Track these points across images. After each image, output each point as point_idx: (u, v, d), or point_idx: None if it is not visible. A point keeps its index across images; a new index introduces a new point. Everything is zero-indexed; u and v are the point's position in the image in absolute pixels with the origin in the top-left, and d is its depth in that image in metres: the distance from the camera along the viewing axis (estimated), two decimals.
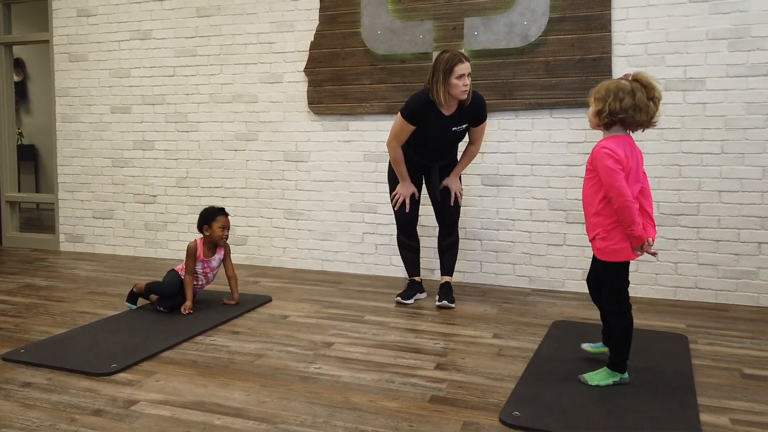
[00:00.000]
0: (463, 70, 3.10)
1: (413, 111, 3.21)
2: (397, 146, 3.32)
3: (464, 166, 3.46)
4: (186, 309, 3.12)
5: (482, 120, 3.32)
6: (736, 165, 3.39)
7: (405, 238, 3.51)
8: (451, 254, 3.47)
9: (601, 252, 2.22)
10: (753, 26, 3.32)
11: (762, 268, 3.38)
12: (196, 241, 3.24)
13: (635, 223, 2.12)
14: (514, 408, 2.06)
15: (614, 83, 2.14)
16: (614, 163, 2.10)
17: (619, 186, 2.09)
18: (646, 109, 2.11)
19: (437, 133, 3.27)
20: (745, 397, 2.18)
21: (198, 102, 4.58)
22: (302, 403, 2.12)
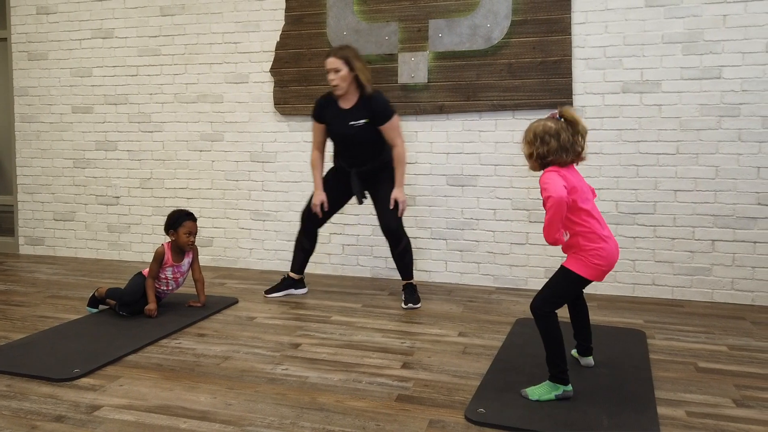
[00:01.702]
0: (328, 65, 3.25)
1: (315, 107, 3.44)
2: (313, 149, 3.50)
3: (399, 172, 3.36)
4: (150, 311, 3.08)
5: (385, 118, 3.30)
6: (691, 165, 3.51)
7: (303, 237, 3.57)
8: (404, 261, 3.44)
9: (568, 259, 2.21)
10: (706, 30, 3.43)
11: (715, 265, 3.51)
12: (164, 246, 3.19)
13: (555, 225, 2.10)
14: (479, 405, 2.10)
15: (540, 126, 2.18)
16: (553, 174, 2.13)
17: (554, 184, 2.08)
18: (572, 148, 2.16)
19: (338, 127, 3.37)
20: (699, 390, 2.26)
21: (162, 102, 4.52)
22: (269, 405, 2.12)
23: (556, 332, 2.14)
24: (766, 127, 3.38)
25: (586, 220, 2.14)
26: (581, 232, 2.15)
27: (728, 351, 2.69)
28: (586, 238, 2.14)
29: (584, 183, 2.23)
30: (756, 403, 2.15)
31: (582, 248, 2.15)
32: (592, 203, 2.21)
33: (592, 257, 2.14)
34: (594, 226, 2.14)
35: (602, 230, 2.16)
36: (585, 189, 2.19)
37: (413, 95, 3.94)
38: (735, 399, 2.18)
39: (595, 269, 2.15)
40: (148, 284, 3.14)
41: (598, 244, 2.13)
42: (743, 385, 2.30)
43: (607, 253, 2.14)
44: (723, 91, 3.42)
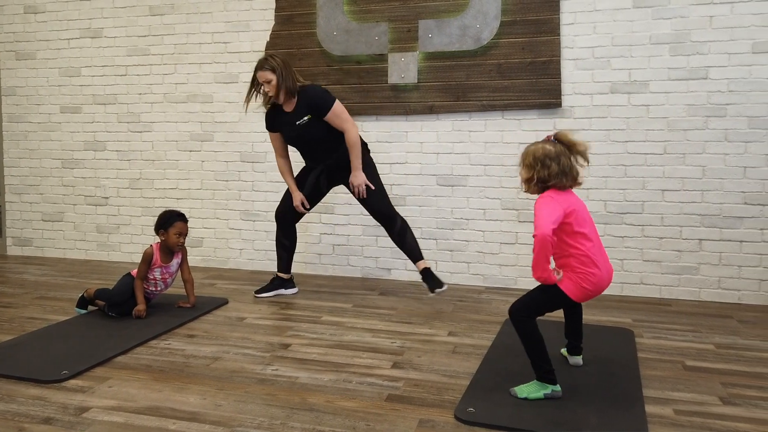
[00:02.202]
0: (259, 78, 3.34)
1: (265, 118, 3.53)
2: (276, 157, 3.58)
3: (353, 156, 3.38)
4: (139, 312, 3.07)
5: (325, 108, 3.35)
6: (678, 165, 3.54)
7: (282, 235, 3.60)
8: (406, 242, 3.45)
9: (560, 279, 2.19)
10: (693, 31, 3.46)
11: (702, 264, 3.54)
12: (153, 247, 3.18)
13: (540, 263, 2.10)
14: (469, 404, 2.10)
15: (540, 150, 2.16)
16: (547, 200, 2.12)
17: (542, 217, 2.07)
18: (570, 173, 2.15)
19: (288, 131, 3.44)
20: (687, 388, 2.28)
21: (151, 102, 4.51)
22: (259, 406, 2.12)
23: (534, 335, 2.14)
24: (752, 127, 3.42)
25: (583, 243, 2.14)
26: (575, 254, 2.14)
27: (715, 349, 2.71)
28: (579, 261, 2.14)
29: (582, 205, 2.21)
30: (742, 400, 2.17)
31: (574, 269, 2.15)
32: (591, 226, 2.20)
33: (582, 280, 2.14)
34: (589, 250, 2.14)
35: (597, 256, 2.15)
36: (582, 209, 2.19)
37: (403, 95, 3.95)
38: (722, 397, 2.20)
39: (582, 291, 2.15)
40: (136, 285, 3.13)
41: (590, 269, 2.13)
42: (730, 383, 2.32)
43: (597, 279, 2.14)
44: (710, 92, 3.45)
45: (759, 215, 3.44)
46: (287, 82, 3.33)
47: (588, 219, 2.20)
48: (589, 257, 2.13)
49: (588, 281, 2.13)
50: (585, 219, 2.17)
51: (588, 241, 2.14)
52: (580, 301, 2.20)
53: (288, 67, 3.36)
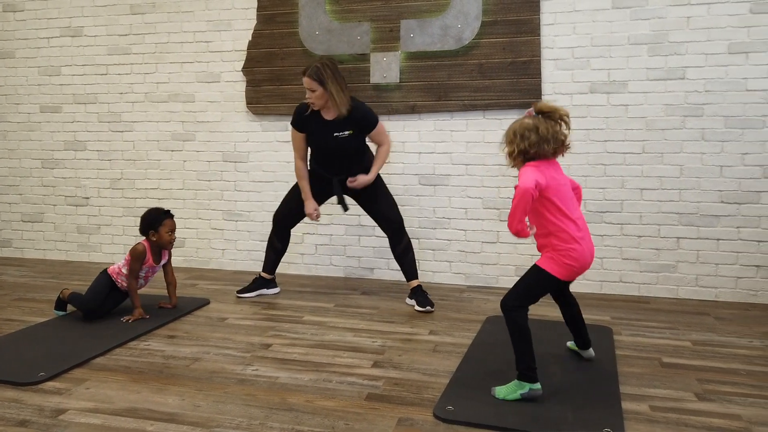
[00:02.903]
0: (305, 84, 3.24)
1: (296, 117, 3.38)
2: (296, 158, 3.44)
3: (379, 164, 3.37)
4: (137, 316, 3.04)
5: (371, 126, 3.32)
6: (656, 164, 3.58)
7: (275, 238, 3.57)
8: (408, 259, 3.42)
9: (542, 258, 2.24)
10: (670, 32, 3.50)
11: (680, 262, 3.59)
12: (144, 245, 3.14)
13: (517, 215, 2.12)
14: (448, 402, 2.12)
15: (519, 123, 2.23)
16: (531, 167, 2.16)
17: (526, 176, 2.12)
18: (553, 138, 2.19)
19: (321, 139, 3.34)
20: (663, 385, 2.31)
21: (132, 101, 4.48)
22: (238, 406, 2.12)
23: (524, 329, 2.15)
24: (729, 126, 3.46)
25: (562, 220, 2.17)
26: (555, 232, 2.18)
27: (692, 346, 2.75)
28: (559, 238, 2.17)
29: (566, 179, 2.25)
30: (717, 396, 2.20)
31: (555, 247, 2.18)
32: (572, 202, 2.23)
33: (563, 257, 2.17)
34: (568, 226, 2.17)
35: (577, 231, 2.18)
36: (565, 186, 2.22)
37: (385, 95, 3.96)
38: (697, 393, 2.23)
39: (566, 269, 2.18)
40: (131, 287, 3.09)
41: (570, 244, 2.16)
42: (705, 379, 2.36)
43: (578, 254, 2.17)
44: (687, 92, 3.50)
45: (735, 213, 3.48)
46: (339, 96, 3.21)
47: (570, 196, 2.24)
48: (568, 233, 2.17)
49: (570, 257, 2.17)
50: (566, 195, 2.21)
51: (567, 219, 2.18)
52: (566, 279, 2.22)
53: (339, 80, 3.23)
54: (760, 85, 3.40)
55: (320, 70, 3.20)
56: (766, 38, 3.37)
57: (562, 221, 2.17)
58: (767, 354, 2.64)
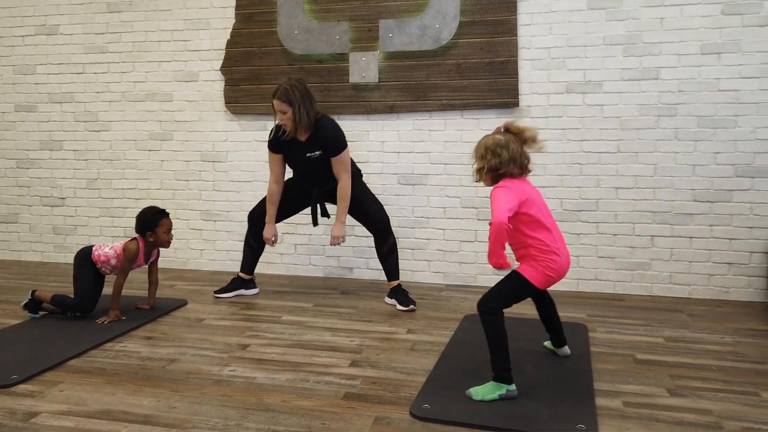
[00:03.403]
0: (275, 106, 3.22)
1: (270, 140, 3.38)
2: (271, 181, 3.44)
3: (342, 208, 3.34)
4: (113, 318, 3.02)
5: (336, 151, 3.27)
6: (631, 163, 3.63)
7: (252, 237, 3.57)
8: (391, 260, 3.42)
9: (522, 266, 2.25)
10: (644, 33, 3.55)
11: (654, 260, 3.64)
12: (139, 244, 3.10)
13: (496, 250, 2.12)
14: (424, 401, 2.13)
15: (491, 140, 2.24)
16: (502, 189, 2.17)
17: (498, 206, 2.11)
18: (520, 160, 2.22)
19: (296, 159, 3.36)
20: (636, 381, 2.34)
21: (109, 100, 4.43)
22: (214, 407, 2.11)
23: (500, 330, 2.16)
24: (701, 126, 3.52)
25: (540, 232, 2.19)
26: (534, 244, 2.20)
27: (665, 343, 2.79)
28: (539, 250, 2.19)
29: (538, 194, 2.27)
30: (689, 392, 2.24)
31: (535, 258, 2.20)
32: (547, 213, 2.25)
33: (545, 268, 2.19)
34: (547, 238, 2.19)
35: (555, 243, 2.21)
36: (538, 200, 2.24)
37: (364, 95, 3.96)
38: (669, 388, 2.27)
39: (545, 277, 2.20)
40: (117, 285, 3.05)
41: (550, 256, 2.19)
42: (677, 375, 2.39)
43: (557, 266, 2.20)
44: (661, 92, 3.55)
45: (708, 212, 3.55)
46: (305, 118, 3.21)
47: (544, 208, 2.25)
48: (548, 245, 2.19)
49: (550, 268, 2.19)
50: (541, 208, 2.23)
51: (545, 230, 2.20)
52: (543, 288, 2.25)
53: (308, 101, 3.22)
54: (731, 86, 3.46)
55: (289, 91, 3.19)
56: (738, 39, 3.43)
57: (540, 233, 2.19)
58: (738, 350, 2.69)
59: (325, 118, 3.32)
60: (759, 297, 3.51)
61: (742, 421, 2.00)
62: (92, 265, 3.11)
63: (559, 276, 2.23)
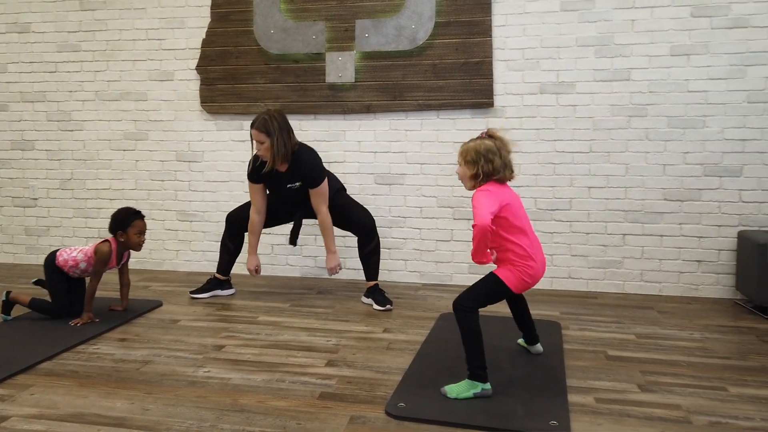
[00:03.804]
0: (254, 136, 3.23)
1: (249, 168, 3.38)
2: (252, 211, 3.43)
3: (328, 240, 3.37)
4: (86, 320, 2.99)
5: (315, 182, 3.29)
6: (603, 163, 3.68)
7: (228, 239, 3.56)
8: (373, 260, 3.43)
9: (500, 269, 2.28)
10: (616, 35, 3.61)
11: (626, 258, 3.70)
12: (111, 245, 3.07)
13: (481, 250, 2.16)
14: (400, 399, 2.14)
15: (481, 145, 2.25)
16: (484, 193, 2.20)
17: (480, 208, 2.14)
18: (510, 165, 2.26)
19: (276, 189, 3.38)
20: (608, 377, 2.38)
21: (83, 99, 4.38)
22: (189, 409, 2.10)
23: (475, 329, 2.19)
24: (671, 126, 3.59)
25: (519, 237, 2.22)
26: (512, 249, 2.23)
27: (636, 339, 2.84)
28: (517, 255, 2.22)
29: (518, 199, 2.30)
30: (659, 387, 2.28)
31: (513, 263, 2.23)
32: (526, 220, 2.28)
33: (521, 273, 2.22)
34: (523, 241, 2.22)
35: (532, 249, 2.24)
36: (518, 206, 2.27)
37: (341, 95, 3.97)
38: (640, 384, 2.31)
39: (521, 282, 2.24)
40: (91, 288, 3.01)
41: (528, 261, 2.22)
42: (648, 371, 2.44)
43: (533, 272, 2.24)
44: (632, 93, 3.61)
45: (678, 210, 3.61)
46: (282, 149, 3.22)
47: (523, 214, 2.29)
48: (525, 250, 2.22)
49: (526, 273, 2.22)
50: (520, 214, 2.26)
51: (523, 235, 2.23)
52: (519, 292, 2.29)
53: (285, 132, 3.23)
54: (700, 87, 3.53)
55: (268, 122, 3.20)
56: (706, 41, 3.50)
57: (518, 237, 2.22)
58: (706, 346, 2.75)
59: (303, 150, 3.31)
60: (727, 294, 3.59)
61: (710, 416, 2.04)
62: (60, 272, 3.07)
63: (534, 281, 2.27)
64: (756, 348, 2.72)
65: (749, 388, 2.28)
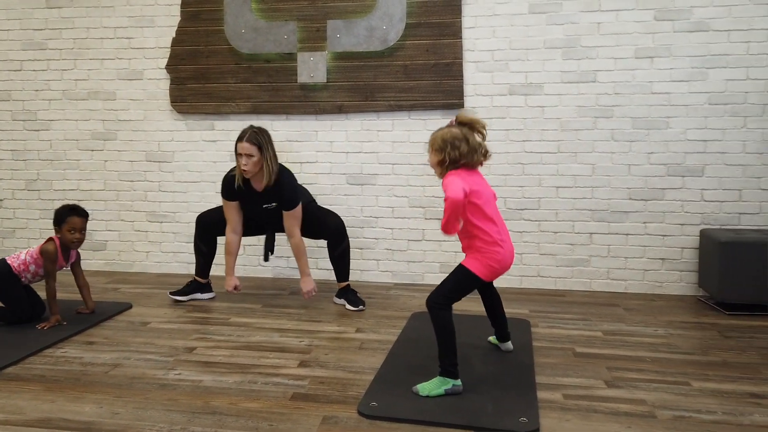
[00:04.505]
0: (241, 149, 3.18)
1: (225, 187, 3.34)
2: (228, 231, 3.39)
3: (302, 263, 3.37)
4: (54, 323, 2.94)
5: (291, 206, 3.28)
6: (571, 163, 3.75)
7: (200, 242, 3.51)
8: (344, 262, 3.42)
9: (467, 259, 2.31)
10: (582, 37, 3.68)
11: (593, 256, 3.78)
12: (55, 243, 3.01)
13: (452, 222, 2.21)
14: (372, 399, 2.16)
15: (448, 132, 2.29)
16: (454, 177, 2.23)
17: (452, 184, 2.18)
18: (480, 149, 2.29)
19: (252, 208, 3.37)
20: (576, 374, 2.43)
21: (49, 99, 4.30)
22: (159, 412, 2.09)
23: (449, 326, 2.21)
24: (636, 127, 3.67)
25: (486, 224, 2.25)
26: (479, 235, 2.26)
27: (603, 336, 2.91)
28: (484, 241, 2.25)
29: (487, 187, 2.34)
30: (624, 383, 2.34)
31: (480, 250, 2.26)
32: (493, 207, 2.31)
33: (488, 259, 2.25)
34: (492, 229, 2.26)
35: (499, 234, 2.27)
36: (487, 192, 2.30)
37: (313, 95, 3.97)
38: (606, 380, 2.36)
39: (489, 269, 2.27)
40: (50, 290, 2.95)
41: (493, 247, 2.25)
42: (614, 367, 2.50)
43: (501, 257, 2.26)
44: (598, 94, 3.68)
45: (642, 210, 3.70)
46: (272, 164, 3.21)
47: (491, 201, 2.32)
48: (492, 236, 2.25)
49: (493, 259, 2.25)
50: (488, 200, 2.29)
51: (491, 222, 2.26)
52: (488, 280, 2.32)
53: (272, 148, 3.23)
54: (663, 88, 3.62)
55: (258, 135, 3.19)
56: (669, 44, 3.59)
57: (485, 224, 2.25)
58: (670, 342, 2.83)
59: (283, 172, 3.31)
60: (690, 291, 3.69)
61: (674, 410, 2.10)
62: (16, 278, 3.00)
63: (503, 268, 2.30)
64: (717, 343, 2.81)
65: (711, 382, 2.35)
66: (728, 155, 3.59)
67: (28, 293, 3.06)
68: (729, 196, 3.61)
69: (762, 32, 3.50)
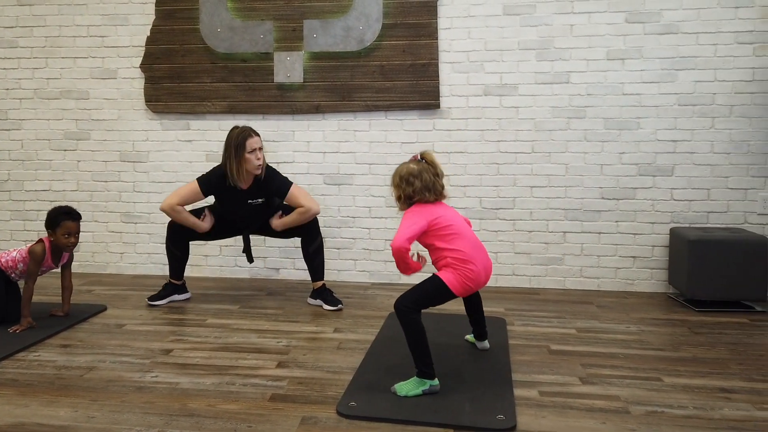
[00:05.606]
0: (255, 144, 3.23)
1: (207, 182, 3.33)
2: (173, 201, 3.29)
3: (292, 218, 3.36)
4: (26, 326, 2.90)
5: (285, 191, 3.32)
6: (545, 163, 3.81)
7: (172, 246, 3.48)
8: (318, 260, 3.42)
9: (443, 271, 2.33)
10: (556, 39, 3.73)
11: (567, 255, 3.84)
12: (45, 244, 2.98)
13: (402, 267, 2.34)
14: (351, 399, 2.17)
15: (405, 169, 2.38)
16: (410, 213, 2.32)
17: (401, 230, 2.27)
18: (433, 188, 2.35)
19: (233, 206, 3.37)
20: (551, 371, 2.47)
21: (20, 98, 4.22)
22: (136, 415, 2.08)
23: (418, 328, 2.23)
24: (608, 128, 3.74)
25: (455, 243, 2.28)
26: (451, 255, 2.29)
27: (577, 333, 2.96)
28: (456, 260, 2.28)
29: (452, 211, 2.39)
30: (599, 379, 2.38)
31: (455, 267, 2.28)
32: (464, 227, 2.34)
33: (463, 276, 2.27)
34: (464, 248, 2.28)
35: (472, 251, 2.29)
36: (452, 215, 2.35)
37: (289, 95, 3.96)
38: (581, 377, 2.41)
39: (463, 286, 2.29)
40: (27, 291, 2.91)
41: (468, 265, 2.27)
42: (588, 364, 2.54)
43: (475, 275, 2.29)
44: (571, 95, 3.74)
45: (614, 209, 3.77)
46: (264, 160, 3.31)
47: (459, 221, 2.36)
48: (464, 254, 2.27)
49: (468, 277, 2.28)
50: (454, 222, 2.33)
51: (461, 240, 2.29)
52: (461, 296, 2.34)
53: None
54: (634, 90, 3.69)
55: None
56: (640, 46, 3.66)
57: (455, 244, 2.29)
58: (642, 338, 2.89)
59: (267, 166, 3.36)
60: (661, 288, 3.77)
61: (647, 405, 2.15)
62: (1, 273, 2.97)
63: (477, 285, 2.33)
64: (688, 339, 2.88)
65: (682, 377, 2.41)
66: (697, 155, 3.68)
67: (10, 294, 3.01)
68: (698, 195, 3.70)
69: (729, 35, 3.60)
